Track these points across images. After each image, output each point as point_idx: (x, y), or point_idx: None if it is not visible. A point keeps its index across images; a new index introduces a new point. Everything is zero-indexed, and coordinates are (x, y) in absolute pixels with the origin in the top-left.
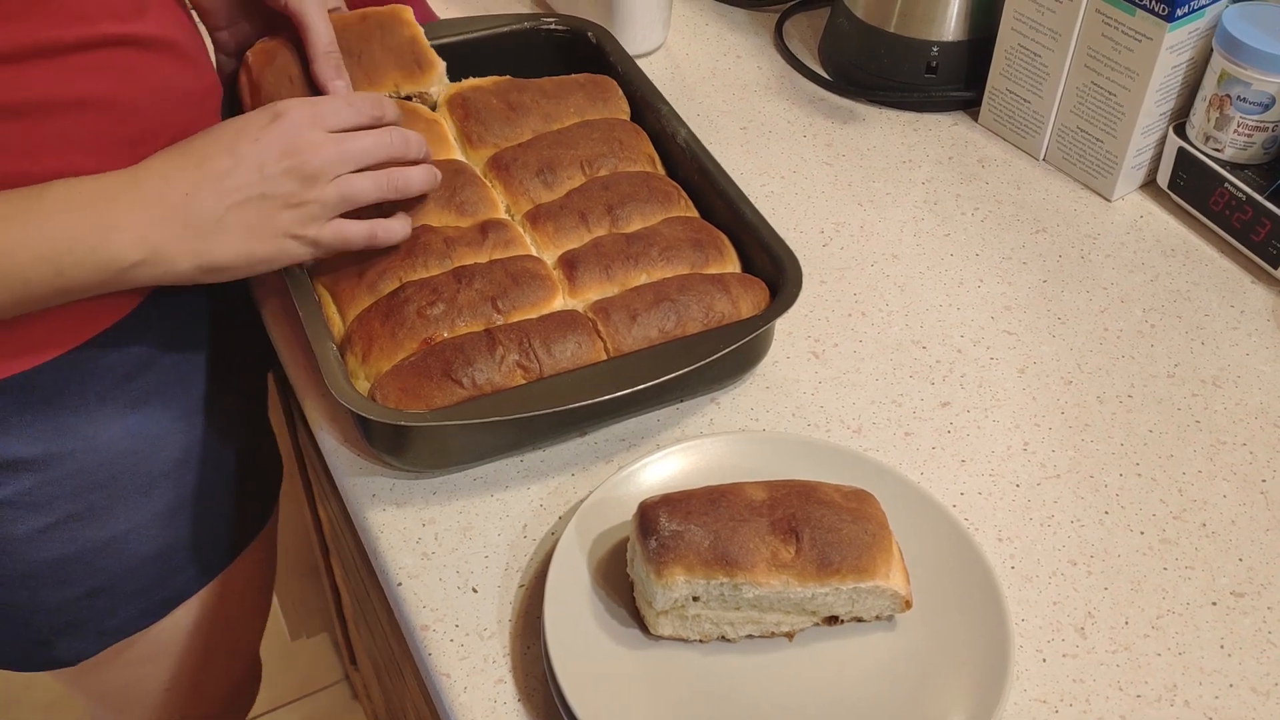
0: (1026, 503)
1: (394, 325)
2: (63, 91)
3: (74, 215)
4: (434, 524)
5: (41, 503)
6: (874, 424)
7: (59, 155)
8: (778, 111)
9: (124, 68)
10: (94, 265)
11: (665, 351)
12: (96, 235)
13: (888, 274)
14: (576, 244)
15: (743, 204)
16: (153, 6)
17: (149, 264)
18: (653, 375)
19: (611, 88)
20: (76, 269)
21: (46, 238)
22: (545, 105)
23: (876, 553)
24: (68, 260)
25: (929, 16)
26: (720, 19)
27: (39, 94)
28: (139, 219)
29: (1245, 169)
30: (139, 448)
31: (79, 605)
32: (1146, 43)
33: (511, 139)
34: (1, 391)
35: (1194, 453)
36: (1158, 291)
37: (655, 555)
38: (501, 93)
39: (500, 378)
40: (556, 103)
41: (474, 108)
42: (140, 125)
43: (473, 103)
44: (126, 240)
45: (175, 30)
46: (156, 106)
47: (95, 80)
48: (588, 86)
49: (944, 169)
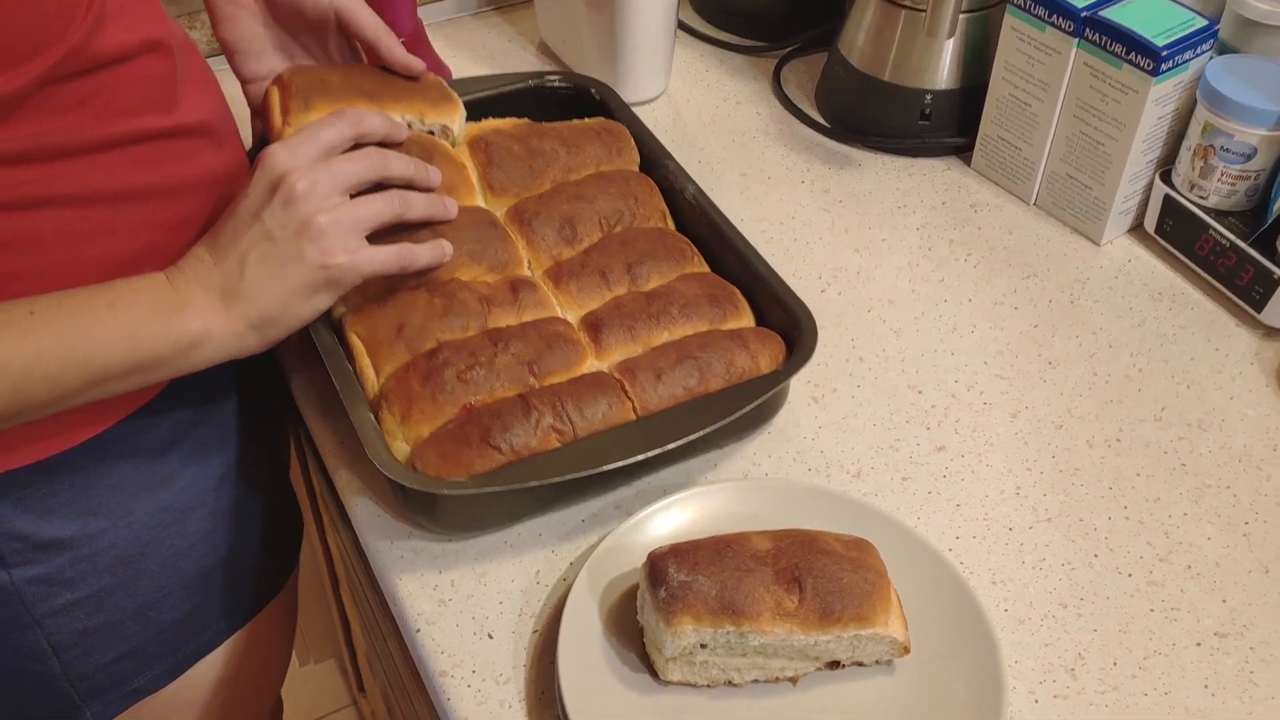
0: (1019, 546)
1: (434, 389)
2: (102, 185)
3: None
4: (450, 570)
5: (74, 579)
6: (872, 468)
7: (96, 244)
8: (776, 157)
9: (161, 159)
10: (165, 339)
11: (693, 409)
12: (162, 313)
13: (884, 319)
14: (598, 303)
15: (755, 259)
16: (187, 93)
17: (209, 341)
18: (682, 434)
19: (624, 136)
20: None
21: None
22: (564, 155)
23: (876, 601)
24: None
25: (922, 66)
26: (720, 65)
27: (79, 188)
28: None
29: (1229, 216)
30: (169, 521)
31: (108, 671)
32: (1133, 95)
33: (532, 189)
34: (35, 474)
35: (1180, 496)
36: (1145, 335)
37: (665, 605)
38: (522, 138)
39: (536, 442)
40: (574, 153)
41: (496, 153)
42: (176, 212)
43: (495, 147)
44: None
45: (206, 112)
46: (193, 192)
47: (134, 173)
48: (603, 135)
49: (938, 214)
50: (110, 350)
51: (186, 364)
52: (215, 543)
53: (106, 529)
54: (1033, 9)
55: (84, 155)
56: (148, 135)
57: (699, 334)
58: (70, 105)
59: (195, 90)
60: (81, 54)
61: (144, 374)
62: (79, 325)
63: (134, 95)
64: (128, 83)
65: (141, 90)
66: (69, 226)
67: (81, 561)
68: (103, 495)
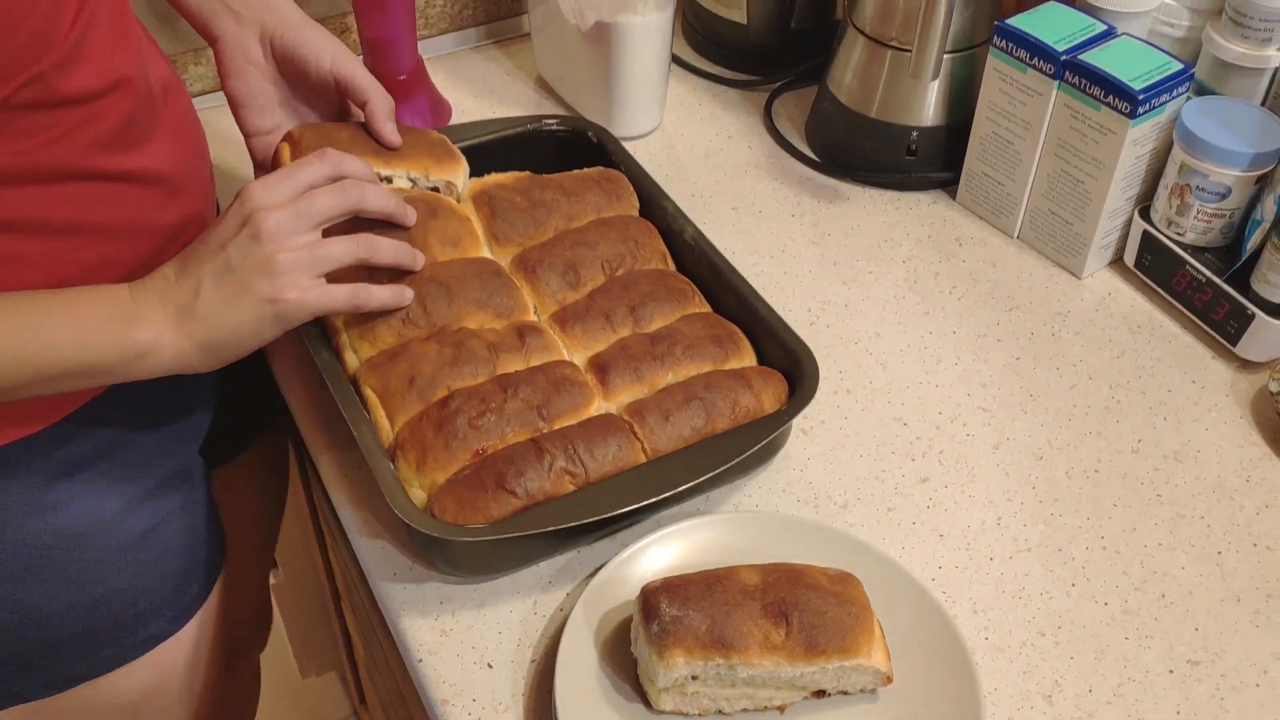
0: (1000, 576)
1: (447, 436)
2: (26, 214)
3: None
4: (450, 601)
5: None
6: (859, 499)
7: (8, 270)
8: (767, 191)
9: (96, 199)
10: (116, 346)
11: (702, 450)
12: (115, 322)
13: (870, 352)
14: (603, 345)
15: (755, 300)
16: (151, 140)
17: (156, 354)
18: (694, 475)
19: (623, 183)
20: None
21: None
22: (565, 204)
23: (860, 634)
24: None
25: (908, 104)
26: (713, 99)
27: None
28: (145, 310)
29: (1205, 252)
30: (58, 544)
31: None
32: (1111, 136)
33: (535, 238)
34: None
35: (1155, 526)
36: (1124, 368)
37: (657, 639)
38: (524, 190)
39: (550, 485)
40: (575, 201)
41: (499, 205)
42: (98, 252)
43: (498, 200)
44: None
45: (165, 163)
46: (121, 236)
47: (64, 208)
48: (602, 183)
49: (924, 247)
50: (58, 351)
51: (133, 372)
52: (111, 572)
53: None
54: (1014, 52)
55: (16, 184)
56: (88, 174)
57: (703, 374)
58: (19, 133)
59: (163, 139)
60: (42, 85)
61: (90, 377)
62: (32, 322)
63: (88, 134)
64: (83, 120)
65: (95, 130)
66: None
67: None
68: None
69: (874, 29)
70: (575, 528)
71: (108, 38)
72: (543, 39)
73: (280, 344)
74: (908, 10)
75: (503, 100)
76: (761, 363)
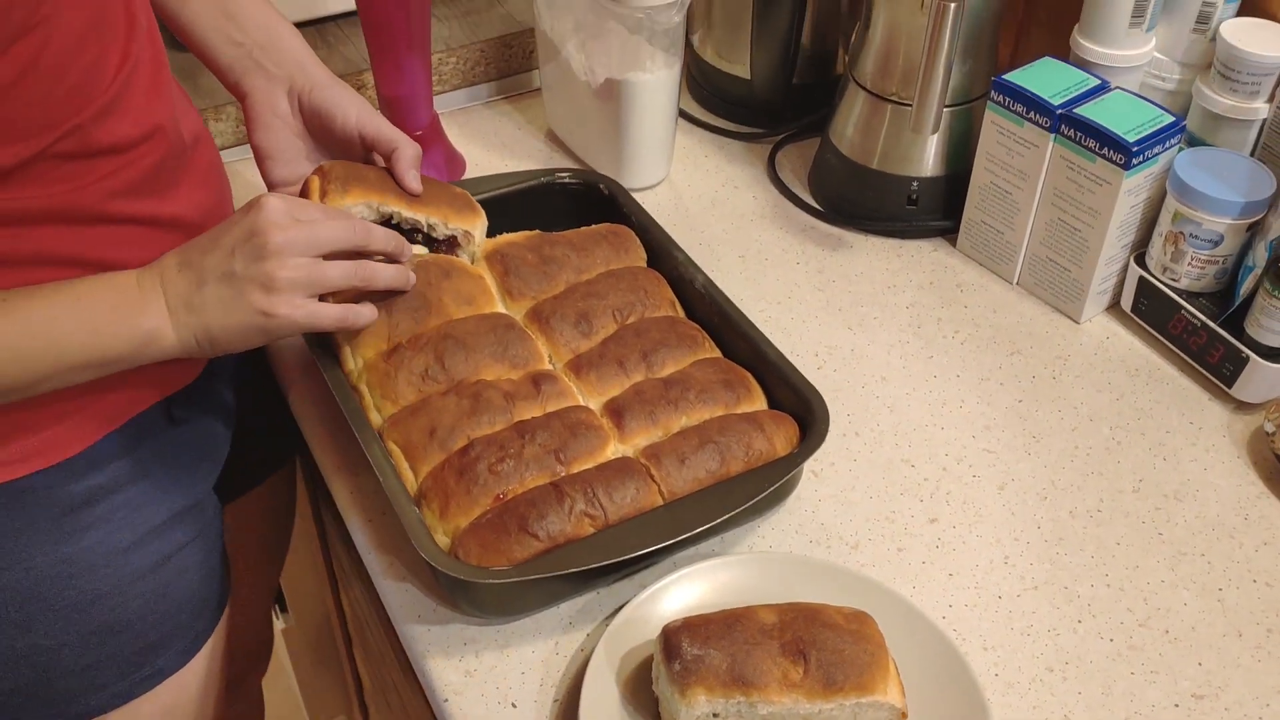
0: (1008, 613)
1: (468, 482)
2: (36, 249)
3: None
4: (474, 642)
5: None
6: (869, 540)
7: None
8: (772, 239)
9: (111, 241)
10: (124, 334)
11: (717, 492)
12: (123, 311)
13: (877, 395)
14: (618, 390)
15: (765, 345)
16: (176, 186)
17: (163, 340)
18: (711, 517)
19: (630, 237)
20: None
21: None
22: (575, 258)
23: (875, 671)
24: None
25: (908, 156)
26: (719, 151)
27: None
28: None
29: (1200, 297)
30: (69, 574)
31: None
32: (1106, 186)
33: (547, 291)
34: None
35: (1157, 563)
36: (1123, 410)
37: (679, 677)
38: (534, 247)
39: (571, 528)
40: (584, 255)
41: (511, 263)
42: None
43: (510, 258)
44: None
45: (188, 210)
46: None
47: (74, 245)
48: (610, 237)
49: (926, 293)
50: (70, 341)
51: (142, 358)
52: (121, 602)
53: (4, 569)
54: (1011, 105)
55: (46, 223)
56: (117, 218)
57: (717, 418)
58: (54, 179)
59: (190, 187)
60: (80, 136)
61: (103, 366)
62: (46, 316)
63: (119, 180)
64: (117, 168)
65: (127, 176)
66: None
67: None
68: (5, 537)
69: (875, 84)
70: (596, 569)
71: (146, 89)
72: (553, 94)
73: (305, 393)
74: (907, 67)
75: (514, 154)
76: (772, 406)
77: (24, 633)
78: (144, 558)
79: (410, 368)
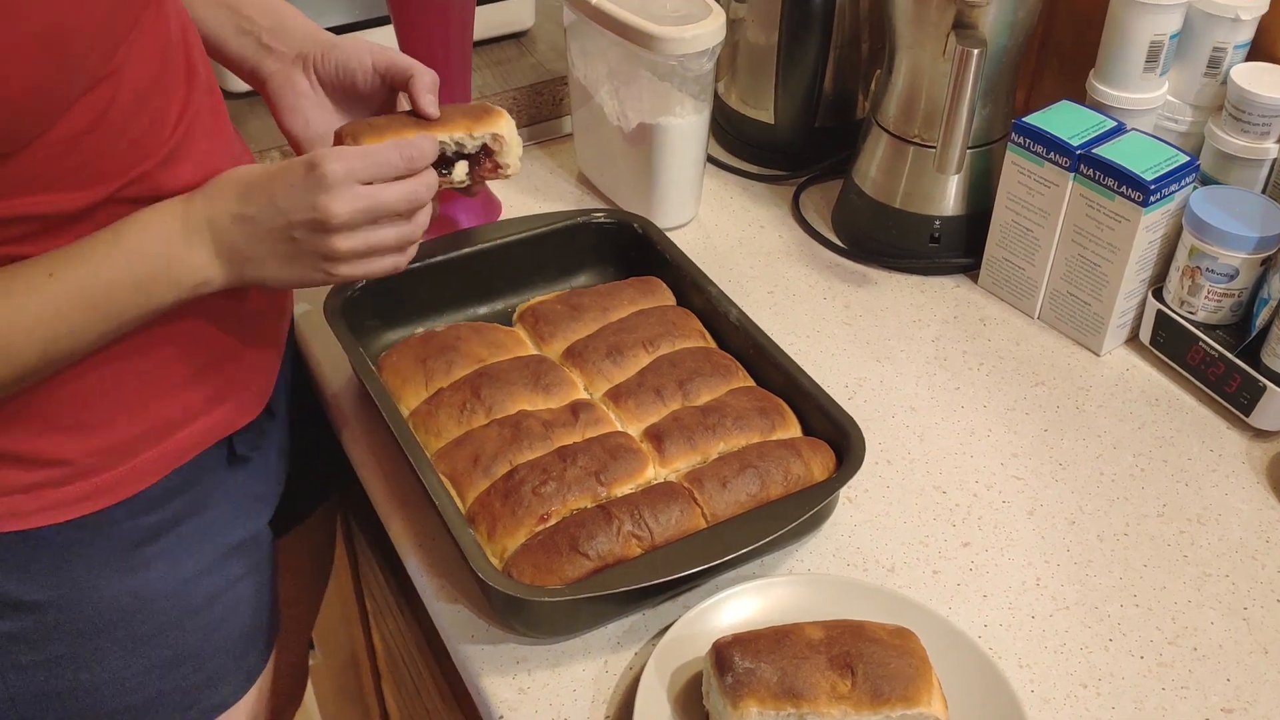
0: (1042, 632)
1: (513, 505)
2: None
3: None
4: (526, 661)
5: (37, 642)
6: (905, 563)
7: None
8: (799, 276)
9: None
10: (171, 284)
11: (759, 515)
12: (167, 261)
13: (907, 425)
14: (656, 417)
15: (799, 375)
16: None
17: (207, 286)
18: (755, 539)
19: (657, 284)
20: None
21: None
22: (603, 302)
23: (920, 683)
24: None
25: (930, 195)
26: (744, 192)
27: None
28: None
29: (1217, 329)
30: (134, 606)
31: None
32: (1125, 223)
33: (580, 333)
34: (19, 539)
35: (1183, 584)
36: (1145, 438)
37: (731, 690)
38: (564, 299)
39: (619, 548)
40: (611, 298)
41: (543, 314)
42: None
43: (541, 312)
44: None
45: None
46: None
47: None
48: (636, 284)
49: (950, 327)
50: (126, 301)
51: (194, 299)
52: (179, 635)
53: (74, 601)
54: (1031, 146)
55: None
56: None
57: (755, 444)
58: (118, 218)
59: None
60: (146, 183)
61: (151, 316)
62: (97, 284)
63: None
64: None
65: None
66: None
67: (46, 627)
68: (76, 570)
69: (897, 127)
70: (643, 589)
71: (207, 134)
72: (584, 139)
73: (354, 423)
74: (929, 110)
75: (547, 196)
76: (806, 434)
77: (88, 667)
78: (203, 591)
79: (450, 404)
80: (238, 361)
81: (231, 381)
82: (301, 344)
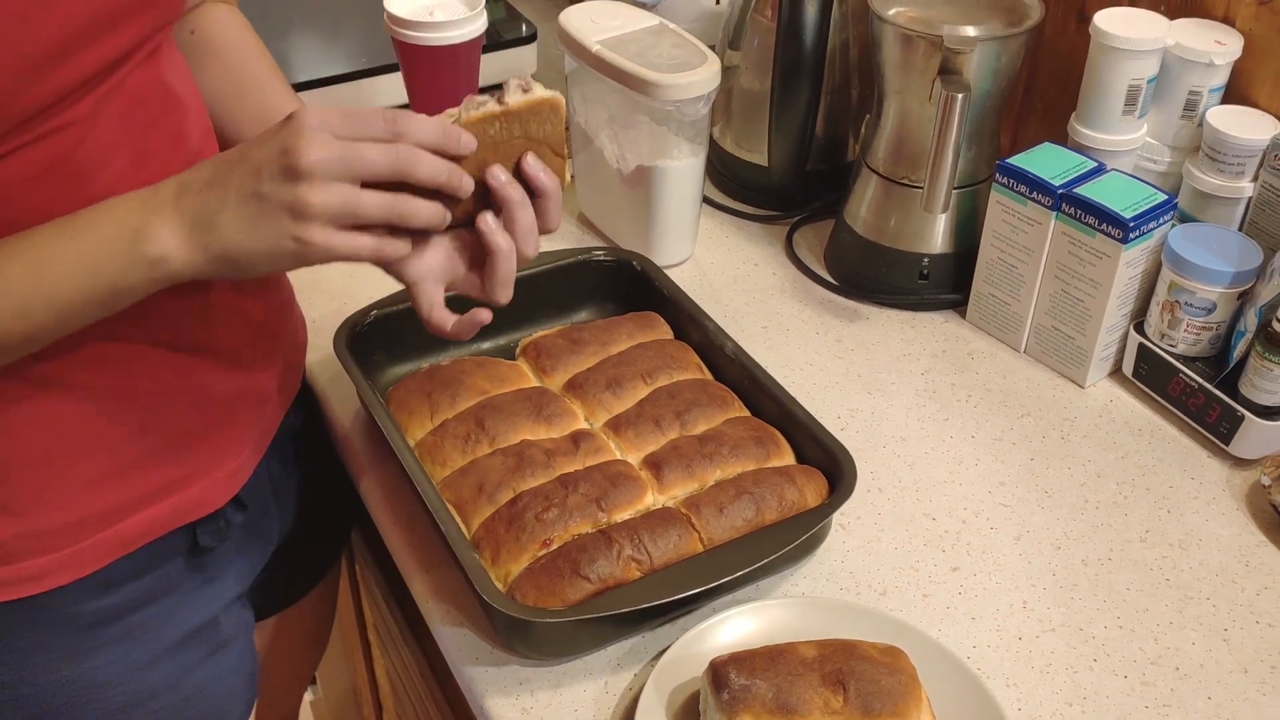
0: (1029, 653)
1: (517, 530)
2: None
3: (106, 225)
4: (529, 682)
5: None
6: (896, 587)
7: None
8: (792, 311)
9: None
10: (127, 263)
11: (755, 540)
12: (124, 238)
13: (898, 454)
14: (655, 446)
15: (793, 405)
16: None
17: (168, 260)
18: (750, 562)
19: (656, 318)
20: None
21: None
22: (602, 336)
23: (909, 700)
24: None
25: (919, 233)
26: (738, 231)
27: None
28: (157, 219)
29: (1196, 361)
30: (82, 689)
31: None
32: (1106, 260)
33: (580, 365)
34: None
35: (1166, 606)
36: (1128, 467)
37: (728, 705)
38: (565, 334)
39: (619, 571)
40: (611, 332)
41: (545, 348)
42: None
43: (543, 346)
44: (149, 239)
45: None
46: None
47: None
48: (635, 319)
49: (939, 361)
50: (74, 282)
51: (151, 286)
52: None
53: (17, 682)
54: (1015, 187)
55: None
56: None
57: (750, 471)
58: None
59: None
60: None
61: (113, 298)
62: (45, 256)
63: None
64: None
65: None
66: None
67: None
68: (19, 652)
69: (886, 169)
70: (642, 611)
71: None
72: (584, 181)
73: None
74: (917, 152)
75: (549, 236)
76: (800, 462)
77: None
78: (162, 674)
79: (455, 435)
80: (201, 444)
81: (194, 466)
82: (310, 382)
